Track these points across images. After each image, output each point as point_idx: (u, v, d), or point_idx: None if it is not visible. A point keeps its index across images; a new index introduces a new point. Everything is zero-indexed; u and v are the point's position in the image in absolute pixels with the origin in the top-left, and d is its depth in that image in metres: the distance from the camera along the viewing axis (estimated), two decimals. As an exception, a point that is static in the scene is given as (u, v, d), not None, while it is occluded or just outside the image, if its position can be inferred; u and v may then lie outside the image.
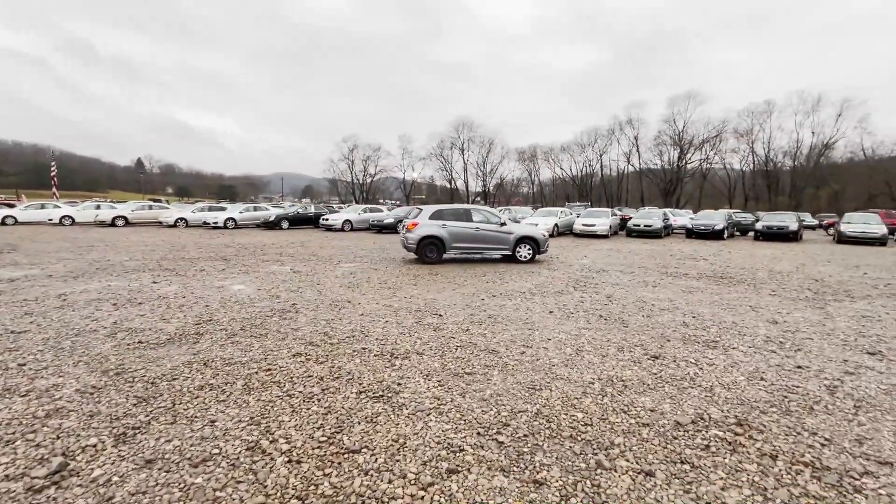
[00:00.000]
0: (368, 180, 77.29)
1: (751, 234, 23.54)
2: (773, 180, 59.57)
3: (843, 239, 19.73)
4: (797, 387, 3.74)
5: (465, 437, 2.89)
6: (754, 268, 11.24)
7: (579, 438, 2.89)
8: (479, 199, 73.55)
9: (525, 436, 2.91)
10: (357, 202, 67.10)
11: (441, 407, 3.29)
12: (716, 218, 22.36)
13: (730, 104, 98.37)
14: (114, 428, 2.90)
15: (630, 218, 23.87)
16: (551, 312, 6.22)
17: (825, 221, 33.82)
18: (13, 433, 2.81)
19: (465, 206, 12.31)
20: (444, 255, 11.38)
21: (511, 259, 11.70)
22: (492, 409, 3.27)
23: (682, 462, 2.63)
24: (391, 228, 22.86)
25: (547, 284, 8.39)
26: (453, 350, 4.56)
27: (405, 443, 2.80)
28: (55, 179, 40.66)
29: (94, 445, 2.70)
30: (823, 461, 2.65)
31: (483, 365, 4.15)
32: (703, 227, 21.42)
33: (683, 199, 61.93)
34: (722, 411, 3.28)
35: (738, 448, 2.79)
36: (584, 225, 20.95)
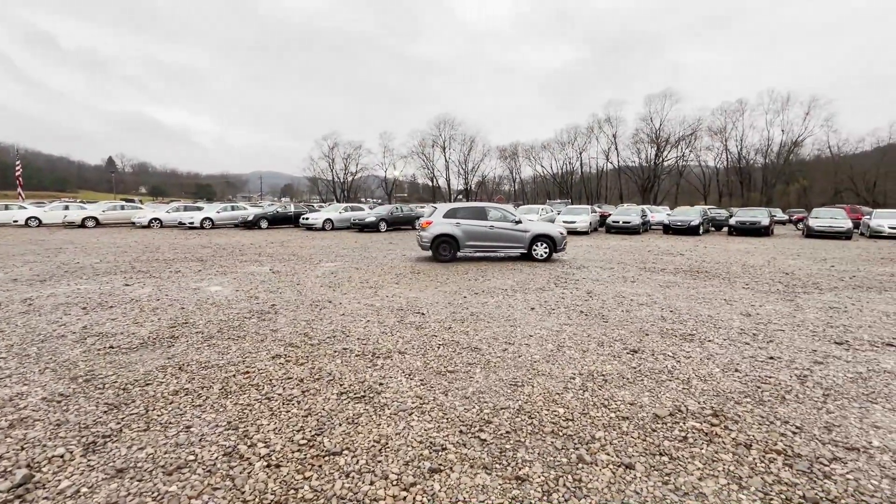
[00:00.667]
0: (349, 179, 76.54)
1: (725, 229, 24.19)
2: (746, 177, 61.42)
3: (811, 233, 20.45)
4: (770, 377, 3.86)
5: (447, 435, 2.88)
6: (728, 262, 11.56)
7: (561, 433, 2.91)
8: (460, 196, 73.63)
9: (507, 432, 2.92)
10: (338, 201, 66.37)
11: (423, 406, 3.27)
12: (691, 214, 22.91)
13: (704, 103, 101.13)
14: (83, 437, 2.79)
15: (609, 215, 24.23)
16: (533, 309, 6.26)
17: (794, 216, 35.04)
18: (-27, 445, 2.67)
19: (481, 203, 12.04)
20: (459, 254, 11.34)
21: (528, 258, 11.44)
22: (474, 407, 3.26)
23: (660, 454, 2.68)
24: (373, 227, 22.69)
25: (528, 281, 8.45)
26: (436, 348, 4.54)
27: (387, 443, 2.77)
28: (20, 179, 38.95)
29: (62, 456, 2.59)
30: (795, 449, 2.74)
31: (465, 363, 4.15)
32: (679, 223, 21.92)
33: (660, 196, 63.31)
34: (699, 403, 3.35)
35: (715, 438, 2.85)
36: (564, 222, 21.17)
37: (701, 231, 21.77)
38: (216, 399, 3.36)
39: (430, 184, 76.32)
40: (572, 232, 21.06)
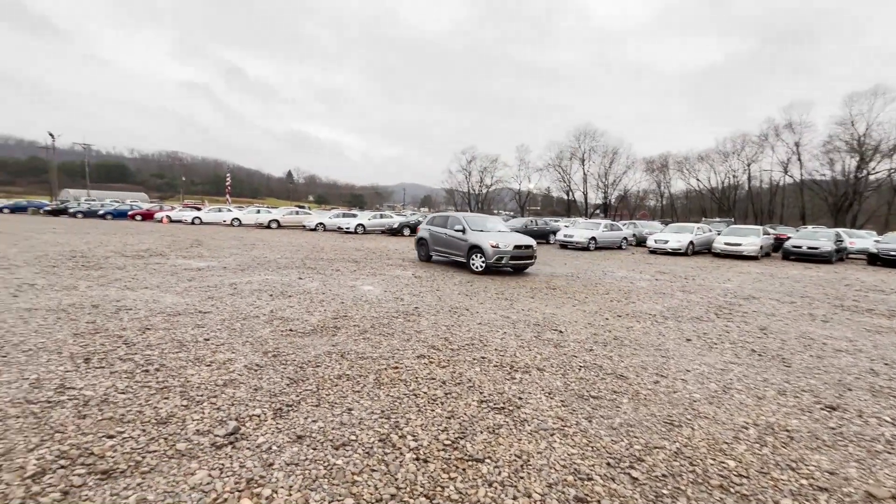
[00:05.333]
0: (484, 191, 78.52)
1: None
2: None
3: None
4: None
5: (593, 465, 2.70)
6: (978, 308, 8.65)
7: (732, 490, 2.50)
8: (598, 211, 69.67)
9: (664, 476, 2.61)
10: (471, 211, 68.60)
11: (566, 429, 3.14)
12: (913, 242, 17.82)
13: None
14: (273, 403, 3.35)
15: (787, 238, 20.33)
16: (689, 340, 5.55)
17: None
18: (202, 396, 3.42)
19: (448, 213, 13.10)
20: (432, 257, 12.96)
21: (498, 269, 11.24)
22: (623, 440, 3.01)
23: (881, 546, 2.10)
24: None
25: (682, 308, 7.54)
26: (576, 370, 4.33)
27: (529, 460, 2.72)
28: (229, 188, 49.31)
29: (259, 416, 3.14)
30: None
31: (610, 390, 3.86)
32: (893, 253, 17.24)
33: (862, 218, 50.68)
34: (940, 491, 2.55)
35: (971, 544, 2.13)
36: (726, 244, 18.41)
37: (928, 264, 16.78)
38: (371, 388, 3.71)
39: (566, 197, 73.87)
40: (736, 256, 18.19)
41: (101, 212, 36.34)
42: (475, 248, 11.11)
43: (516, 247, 10.75)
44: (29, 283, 7.45)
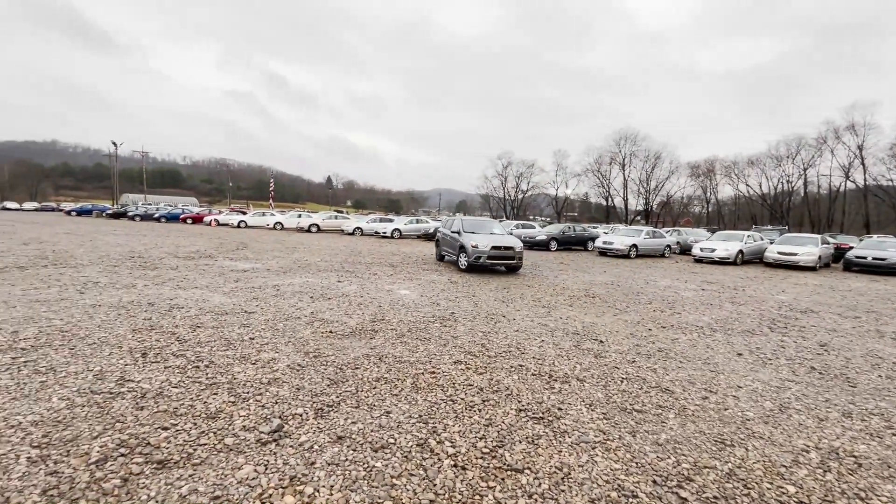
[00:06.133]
0: (520, 196, 77.71)
1: None
2: None
3: None
4: None
5: (637, 482, 2.59)
6: None
7: (793, 518, 2.33)
8: (639, 218, 67.42)
9: (716, 498, 2.47)
10: (507, 218, 68.02)
11: (608, 443, 3.03)
12: None
13: None
14: (314, 403, 3.43)
15: (850, 247, 18.93)
16: (740, 355, 5.25)
17: None
18: (248, 393, 3.55)
19: (455, 217, 14.88)
20: (444, 257, 14.23)
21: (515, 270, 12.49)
22: (669, 457, 2.87)
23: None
24: (543, 246, 22.50)
25: (731, 320, 7.15)
26: (618, 382, 4.19)
27: (570, 473, 2.65)
28: (272, 193, 51.39)
29: (301, 415, 3.22)
30: None
31: (655, 404, 3.71)
32: (974, 266, 15.68)
33: (936, 227, 46.42)
34: None
35: None
36: (780, 253, 17.36)
37: None
38: (409, 392, 3.73)
39: (605, 203, 71.92)
40: (791, 266, 17.11)
41: (156, 215, 38.81)
42: (462, 248, 12.21)
43: (494, 248, 11.63)
44: (93, 281, 8.02)
